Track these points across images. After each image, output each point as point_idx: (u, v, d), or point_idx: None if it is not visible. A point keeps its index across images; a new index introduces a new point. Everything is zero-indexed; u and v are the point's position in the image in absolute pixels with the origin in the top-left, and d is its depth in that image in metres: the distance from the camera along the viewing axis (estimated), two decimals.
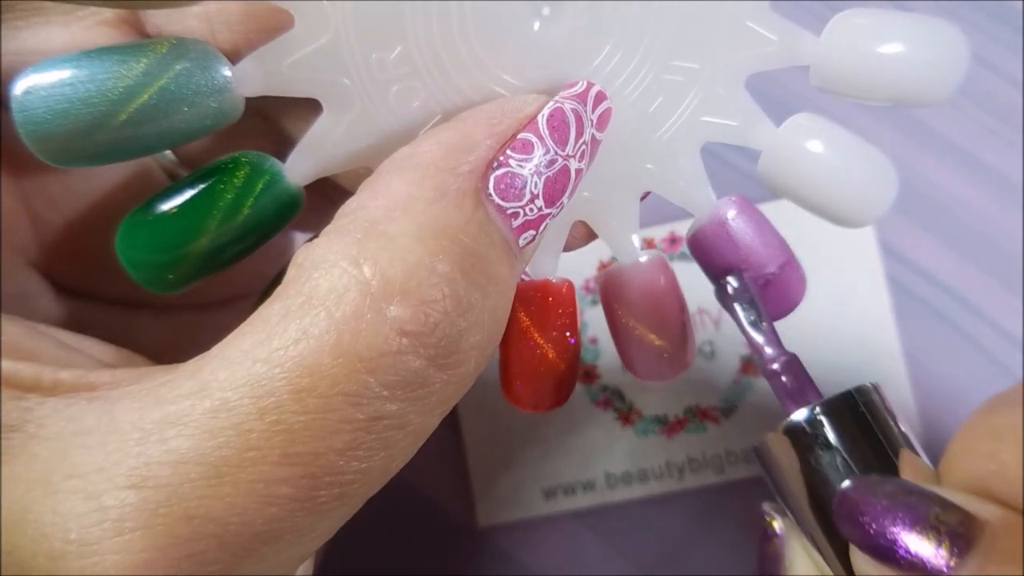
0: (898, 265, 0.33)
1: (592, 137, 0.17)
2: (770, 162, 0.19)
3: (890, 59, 0.17)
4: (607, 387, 0.32)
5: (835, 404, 0.19)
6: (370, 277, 0.15)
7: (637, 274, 0.20)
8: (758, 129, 0.19)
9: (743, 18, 0.18)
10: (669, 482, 0.32)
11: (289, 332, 0.14)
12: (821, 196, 0.18)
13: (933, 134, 0.33)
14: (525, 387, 0.19)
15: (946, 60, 0.17)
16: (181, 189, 0.18)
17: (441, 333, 0.15)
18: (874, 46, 0.17)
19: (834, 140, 0.18)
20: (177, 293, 0.18)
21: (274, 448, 0.14)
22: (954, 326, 0.32)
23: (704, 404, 0.32)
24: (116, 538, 0.14)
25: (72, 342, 0.18)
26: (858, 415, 0.19)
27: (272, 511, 0.14)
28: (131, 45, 0.16)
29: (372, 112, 0.17)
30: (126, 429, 0.14)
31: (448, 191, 0.16)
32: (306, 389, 0.14)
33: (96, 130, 0.16)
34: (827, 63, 0.18)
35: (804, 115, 0.19)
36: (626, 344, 0.20)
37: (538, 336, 0.19)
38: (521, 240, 0.17)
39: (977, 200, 0.33)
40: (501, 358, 0.19)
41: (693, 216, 0.20)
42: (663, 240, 0.33)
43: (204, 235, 0.17)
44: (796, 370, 0.19)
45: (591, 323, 0.33)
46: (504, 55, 0.17)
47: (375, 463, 0.15)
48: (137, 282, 0.18)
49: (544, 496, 0.32)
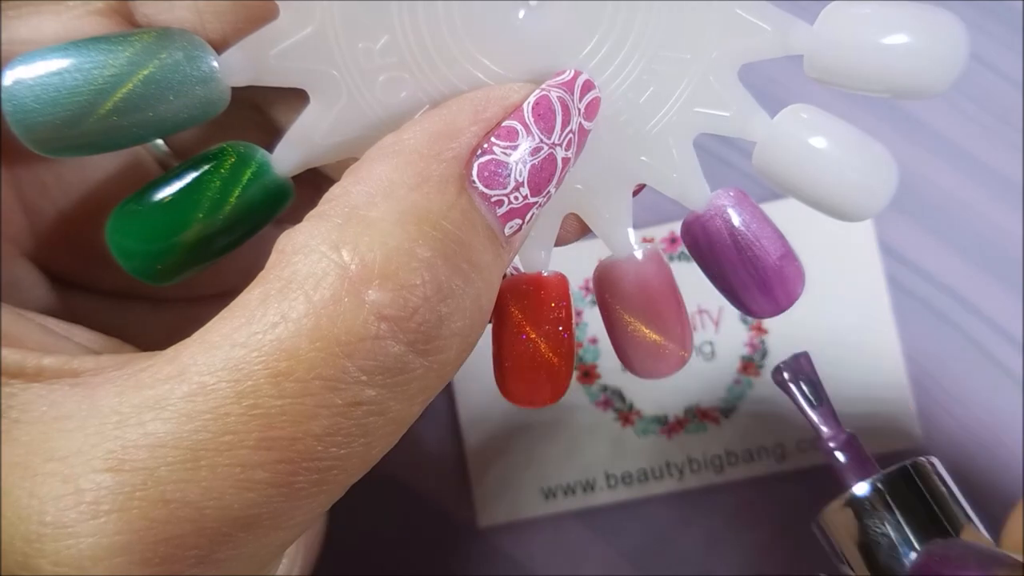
0: (898, 265, 0.33)
1: (580, 126, 0.17)
2: (766, 154, 0.18)
3: (892, 49, 0.17)
4: (607, 387, 0.32)
5: (894, 477, 0.19)
6: (349, 261, 0.15)
7: (631, 267, 0.20)
8: (753, 120, 0.18)
9: (734, 7, 0.17)
10: (669, 482, 0.32)
11: (268, 316, 0.14)
12: (820, 189, 0.18)
13: (933, 134, 0.33)
14: (518, 382, 0.19)
15: (948, 50, 0.17)
16: (170, 179, 0.18)
17: (421, 318, 0.15)
18: (875, 36, 0.17)
19: (833, 131, 0.18)
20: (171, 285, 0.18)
21: (251, 432, 0.14)
22: (954, 326, 0.32)
23: (704, 404, 0.32)
24: (91, 521, 0.14)
25: (59, 329, 0.18)
26: (916, 487, 0.19)
27: (249, 496, 0.14)
28: (118, 35, 0.17)
29: (359, 102, 0.17)
30: (105, 413, 0.14)
31: (431, 177, 0.16)
32: (283, 373, 0.14)
33: (83, 119, 0.16)
34: (823, 53, 0.17)
35: (801, 106, 0.18)
36: (621, 340, 0.20)
37: (530, 330, 0.19)
38: (507, 228, 0.16)
39: (977, 200, 0.33)
40: (494, 352, 0.19)
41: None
42: (663, 240, 0.33)
43: (193, 225, 0.17)
44: (855, 447, 0.20)
45: (591, 323, 0.33)
46: (491, 45, 0.17)
47: (354, 449, 0.15)
48: (128, 272, 0.18)
49: (544, 496, 0.32)
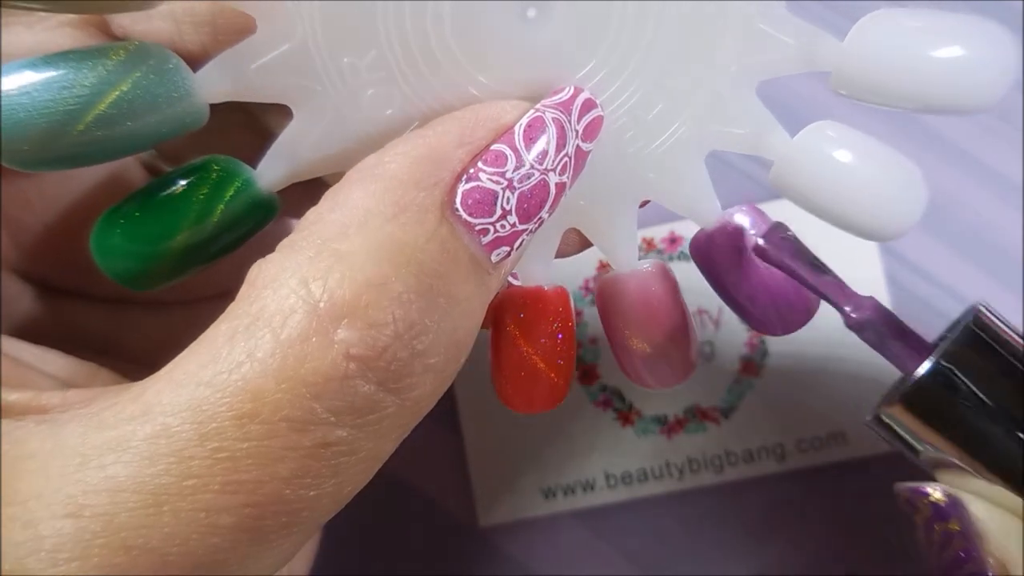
0: (898, 265, 0.33)
1: (577, 149, 0.16)
2: (786, 173, 0.17)
3: (942, 62, 0.16)
4: (607, 387, 0.32)
5: (960, 344, 0.18)
6: (318, 298, 0.14)
7: (635, 283, 0.19)
8: (771, 138, 0.17)
9: (754, 19, 0.16)
10: (669, 482, 0.32)
11: (234, 354, 0.14)
12: (850, 208, 0.17)
13: (933, 134, 0.33)
14: (515, 391, 0.19)
15: (999, 63, 0.16)
16: (153, 192, 0.17)
17: (391, 356, 0.14)
18: (924, 48, 0.16)
19: (862, 148, 0.17)
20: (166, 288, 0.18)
21: (215, 476, 0.14)
22: None
23: (704, 404, 0.32)
24: (51, 570, 0.13)
25: (31, 356, 0.18)
26: (984, 345, 0.18)
27: (214, 541, 0.14)
28: (89, 51, 0.16)
29: (345, 117, 0.17)
30: (68, 454, 0.14)
31: (409, 206, 0.15)
32: (248, 415, 0.14)
33: (56, 138, 0.16)
34: (855, 67, 0.16)
35: (827, 123, 0.17)
36: (624, 355, 0.20)
37: (526, 345, 0.18)
38: (493, 256, 0.16)
39: (977, 200, 0.33)
40: (492, 361, 0.19)
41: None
42: (663, 240, 0.33)
43: (177, 237, 0.17)
44: (885, 313, 0.18)
45: (591, 323, 0.33)
46: (485, 59, 0.16)
47: (325, 490, 0.14)
48: (112, 280, 0.18)
49: (544, 496, 0.32)
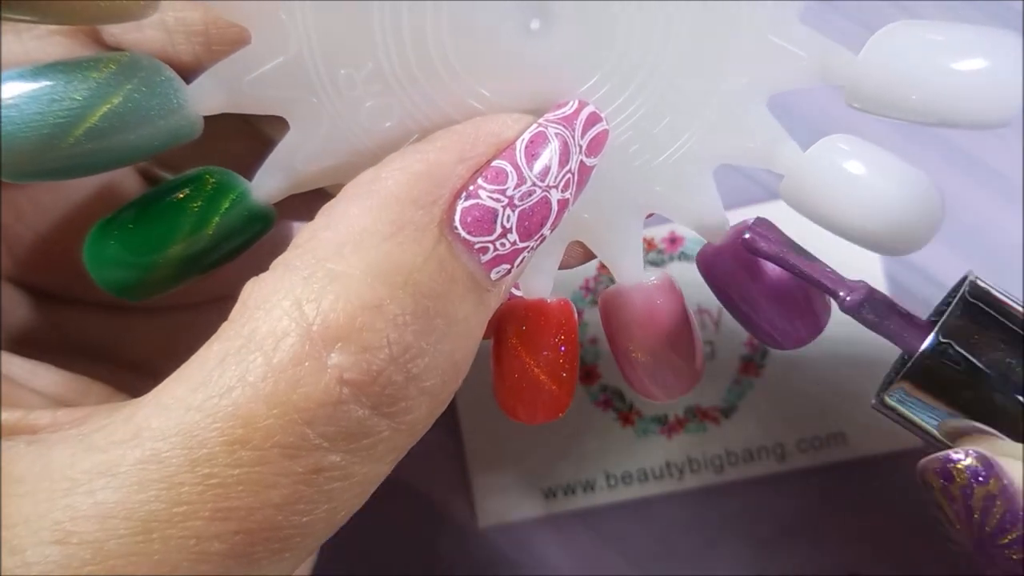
0: (898, 265, 0.32)
1: (580, 164, 0.16)
2: (797, 186, 0.17)
3: (964, 76, 0.16)
4: (607, 387, 0.32)
5: (956, 316, 0.17)
6: (312, 320, 0.14)
7: (640, 296, 0.19)
8: (782, 151, 0.17)
9: (765, 31, 0.16)
10: (669, 482, 0.32)
11: (225, 378, 0.14)
12: (867, 223, 0.17)
13: (933, 134, 0.33)
14: (516, 403, 0.19)
15: (1018, 75, 0.16)
16: (148, 203, 0.17)
17: (385, 380, 0.14)
18: (948, 62, 0.16)
19: (877, 162, 0.17)
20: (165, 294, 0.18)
21: (206, 503, 0.13)
22: None
23: (704, 404, 0.32)
24: None
25: (22, 373, 0.17)
26: (981, 313, 0.18)
27: (204, 568, 0.14)
28: (80, 62, 0.16)
29: (343, 130, 0.16)
30: (56, 478, 0.14)
31: (406, 225, 0.15)
32: (239, 441, 0.14)
33: (45, 151, 0.15)
34: (871, 81, 0.16)
35: (840, 136, 0.17)
36: (630, 369, 0.19)
37: (528, 358, 0.18)
38: (493, 274, 0.16)
39: (977, 200, 0.33)
40: (494, 371, 0.19)
41: None
42: (663, 240, 0.33)
43: (171, 248, 0.17)
44: (877, 295, 0.18)
45: (591, 323, 0.33)
46: (487, 71, 0.16)
47: (318, 516, 0.14)
48: (107, 292, 0.17)
49: (544, 496, 0.32)
